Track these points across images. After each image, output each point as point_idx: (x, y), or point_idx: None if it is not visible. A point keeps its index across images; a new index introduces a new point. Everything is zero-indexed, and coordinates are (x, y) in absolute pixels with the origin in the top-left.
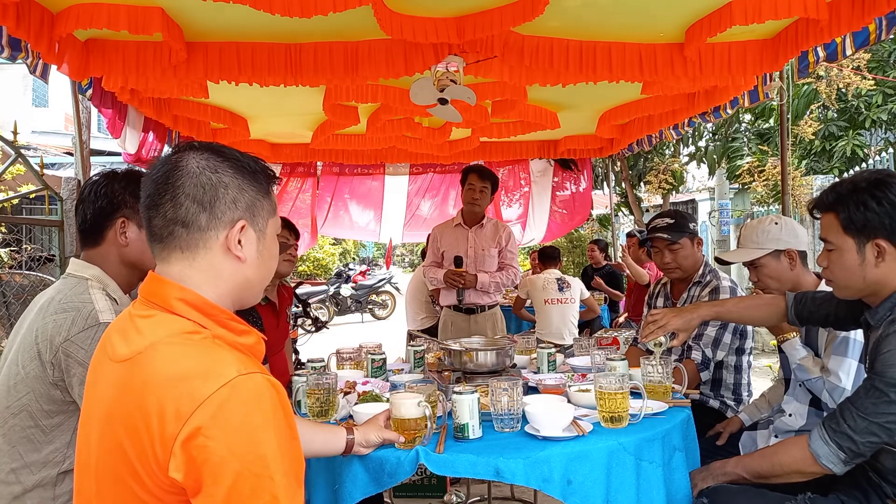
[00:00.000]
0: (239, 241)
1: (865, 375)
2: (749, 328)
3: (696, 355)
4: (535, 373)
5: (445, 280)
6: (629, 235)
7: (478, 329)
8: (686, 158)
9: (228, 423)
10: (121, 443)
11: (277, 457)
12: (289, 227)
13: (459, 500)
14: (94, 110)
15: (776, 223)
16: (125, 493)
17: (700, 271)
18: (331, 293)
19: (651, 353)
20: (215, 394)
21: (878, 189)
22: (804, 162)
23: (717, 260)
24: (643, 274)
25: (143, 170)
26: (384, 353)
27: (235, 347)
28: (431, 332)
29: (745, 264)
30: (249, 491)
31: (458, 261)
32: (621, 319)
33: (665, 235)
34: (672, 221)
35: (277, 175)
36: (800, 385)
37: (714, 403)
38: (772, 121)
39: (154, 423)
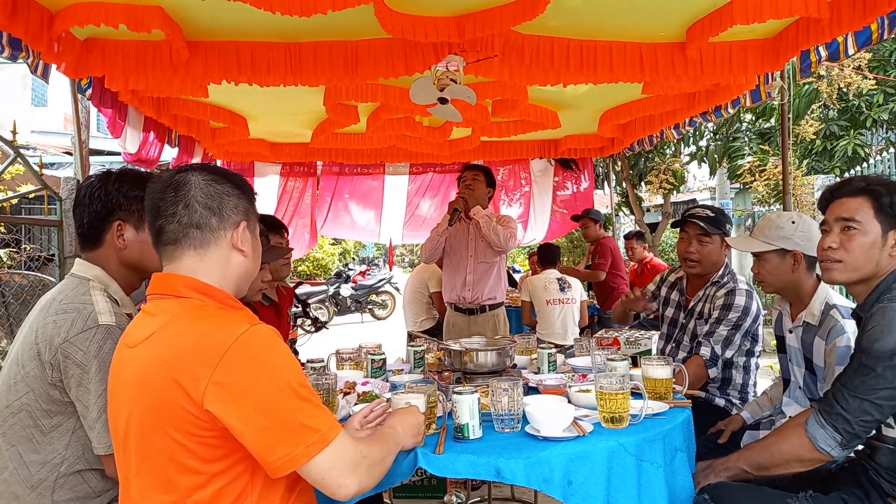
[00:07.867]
0: (241, 239)
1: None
2: (760, 331)
3: (706, 351)
4: (536, 373)
5: (450, 206)
6: (626, 237)
7: (477, 330)
8: (687, 158)
9: (252, 361)
10: (156, 403)
11: (296, 377)
12: (279, 229)
13: (459, 500)
14: (93, 110)
15: (793, 221)
16: (165, 440)
17: (720, 272)
18: (330, 293)
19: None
20: (236, 341)
21: None
22: (805, 161)
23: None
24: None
25: (140, 168)
26: (384, 353)
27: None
28: (431, 333)
29: (752, 253)
30: (280, 408)
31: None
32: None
33: (701, 224)
34: (713, 216)
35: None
36: (799, 388)
37: (720, 402)
38: (773, 120)
39: (186, 377)
